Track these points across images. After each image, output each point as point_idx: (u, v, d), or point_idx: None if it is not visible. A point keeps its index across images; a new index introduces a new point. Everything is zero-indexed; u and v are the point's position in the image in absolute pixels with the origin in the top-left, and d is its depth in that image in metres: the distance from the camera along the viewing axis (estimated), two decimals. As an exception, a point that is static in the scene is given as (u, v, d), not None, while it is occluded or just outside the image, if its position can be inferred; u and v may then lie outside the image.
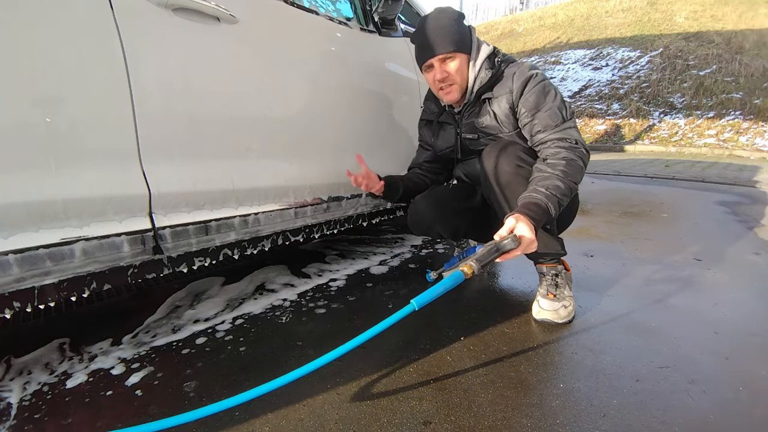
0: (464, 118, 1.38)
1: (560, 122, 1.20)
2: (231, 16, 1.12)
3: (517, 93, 1.24)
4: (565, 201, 1.11)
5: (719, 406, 0.89)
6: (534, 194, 1.09)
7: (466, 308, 1.37)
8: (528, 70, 1.25)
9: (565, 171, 1.12)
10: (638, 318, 1.27)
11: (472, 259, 0.93)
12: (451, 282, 0.90)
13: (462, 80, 1.30)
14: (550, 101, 1.22)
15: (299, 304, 1.42)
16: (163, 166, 1.02)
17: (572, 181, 1.13)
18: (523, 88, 1.23)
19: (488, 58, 1.29)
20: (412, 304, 0.86)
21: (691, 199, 3.33)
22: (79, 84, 0.87)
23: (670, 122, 7.83)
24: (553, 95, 1.23)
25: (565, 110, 1.21)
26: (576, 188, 1.16)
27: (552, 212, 1.07)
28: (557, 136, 1.18)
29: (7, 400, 0.95)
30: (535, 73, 1.25)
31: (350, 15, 1.64)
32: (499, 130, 1.30)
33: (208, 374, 1.03)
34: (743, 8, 9.76)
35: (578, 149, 1.17)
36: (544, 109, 1.21)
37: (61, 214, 0.87)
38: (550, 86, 1.24)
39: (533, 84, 1.23)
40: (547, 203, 1.07)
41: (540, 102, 1.21)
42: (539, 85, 1.23)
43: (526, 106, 1.23)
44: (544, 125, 1.20)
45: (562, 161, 1.13)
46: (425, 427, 0.84)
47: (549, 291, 1.28)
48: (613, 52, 10.35)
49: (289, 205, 1.35)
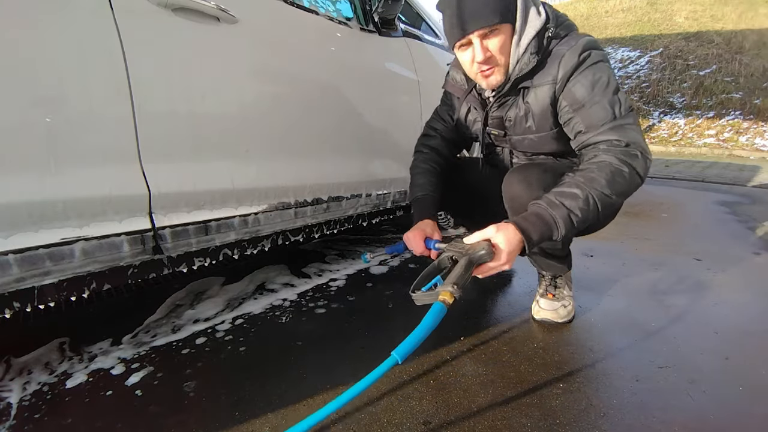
0: (493, 109, 1.13)
1: (610, 119, 0.95)
2: (231, 16, 1.12)
3: (561, 82, 0.99)
4: (587, 217, 0.90)
5: (719, 406, 0.89)
6: (540, 203, 0.91)
7: (466, 308, 1.37)
8: (582, 49, 0.97)
9: (594, 178, 0.90)
10: (638, 318, 1.27)
11: (448, 284, 0.80)
12: (432, 320, 0.76)
13: (507, 59, 1.02)
14: (599, 92, 0.96)
15: (299, 304, 1.42)
16: (163, 166, 1.02)
17: (603, 193, 0.90)
18: (569, 75, 0.98)
19: (537, 35, 0.99)
20: (394, 357, 0.71)
21: (691, 199, 3.34)
22: (79, 84, 0.87)
23: (669, 122, 7.84)
24: (604, 83, 0.97)
25: (619, 104, 0.96)
26: (612, 201, 0.92)
27: (559, 227, 0.89)
28: (604, 138, 0.95)
29: (7, 400, 0.95)
30: (590, 53, 0.98)
31: (350, 15, 1.64)
32: (530, 129, 1.09)
33: (208, 374, 1.03)
34: (743, 8, 9.76)
35: (630, 152, 0.92)
36: (589, 104, 0.96)
37: (61, 214, 0.86)
38: (603, 71, 0.98)
39: (582, 69, 0.97)
40: (553, 216, 0.89)
41: (586, 94, 0.97)
42: (589, 69, 0.97)
43: (569, 99, 0.99)
44: (588, 124, 0.97)
45: (595, 167, 0.92)
46: (425, 427, 0.84)
47: (548, 291, 1.28)
48: (613, 52, 10.35)
49: (288, 205, 1.35)
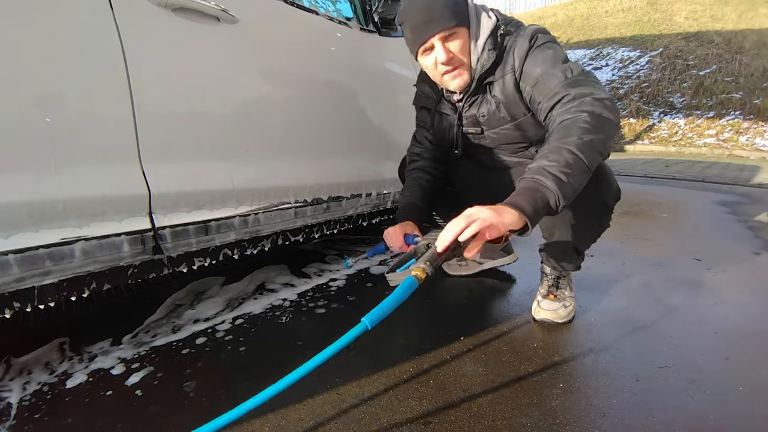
0: (465, 109, 1.17)
1: (561, 82, 0.95)
2: (231, 16, 1.12)
3: (519, 68, 1.03)
4: (577, 167, 0.83)
5: (719, 405, 0.89)
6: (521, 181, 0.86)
7: (466, 308, 1.37)
8: (530, 36, 1.02)
9: (565, 132, 0.86)
10: (638, 318, 1.27)
11: (421, 262, 0.77)
12: (403, 292, 0.75)
13: (469, 60, 1.08)
14: (548, 65, 0.98)
15: (299, 303, 1.42)
16: (163, 166, 1.02)
17: (581, 139, 0.84)
18: (524, 60, 1.02)
19: (491, 34, 1.06)
20: (364, 323, 0.72)
21: (691, 199, 3.33)
22: (79, 84, 0.87)
23: (670, 122, 7.83)
24: (551, 56, 0.99)
25: (570, 71, 0.96)
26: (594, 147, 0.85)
27: (548, 184, 0.81)
28: (556, 99, 0.94)
29: (7, 400, 0.95)
30: (537, 36, 1.02)
31: (350, 15, 1.64)
32: (504, 119, 1.11)
33: (208, 374, 1.03)
34: (743, 8, 9.75)
35: (591, 101, 0.89)
36: (542, 77, 0.98)
37: (61, 214, 0.87)
38: (550, 48, 1.01)
39: (533, 51, 1.01)
40: (535, 179, 0.83)
41: (538, 69, 0.99)
42: (538, 50, 1.01)
43: (527, 80, 1.02)
44: (544, 94, 0.97)
45: (561, 124, 0.88)
46: (425, 427, 0.84)
47: (550, 291, 1.28)
48: (613, 51, 10.34)
49: (288, 205, 1.35)
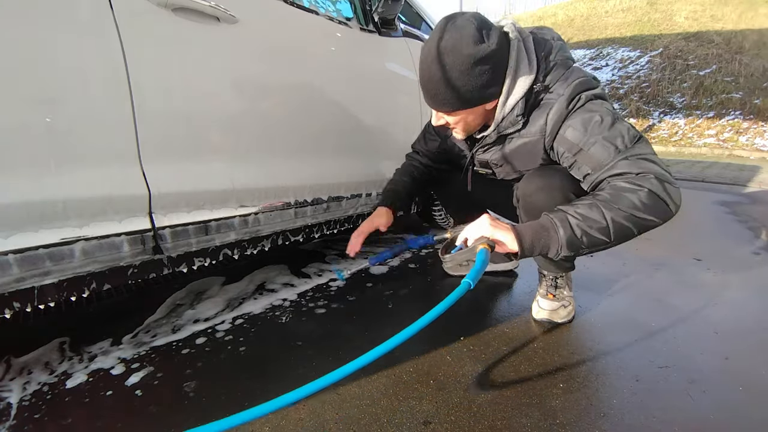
0: (479, 153, 1.17)
1: (614, 154, 0.89)
2: (231, 16, 1.12)
3: (551, 134, 0.97)
4: (596, 233, 0.87)
5: (719, 406, 0.89)
6: (544, 215, 0.93)
7: (466, 308, 1.37)
8: (569, 98, 0.94)
9: (609, 199, 0.87)
10: (638, 318, 1.27)
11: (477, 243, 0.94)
12: (484, 258, 0.91)
13: (472, 128, 1.07)
14: (594, 131, 0.91)
15: (299, 304, 1.42)
16: (163, 166, 1.02)
17: (621, 211, 0.85)
18: (559, 126, 0.96)
19: (525, 96, 0.96)
20: (467, 282, 0.88)
21: (691, 199, 3.33)
22: (79, 84, 0.87)
23: (669, 122, 7.83)
24: (597, 121, 0.91)
25: (621, 137, 0.90)
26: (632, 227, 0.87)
27: (560, 234, 0.88)
28: (614, 172, 0.89)
29: (7, 400, 0.95)
30: (579, 98, 0.94)
31: (350, 15, 1.64)
32: (517, 170, 1.13)
33: (208, 374, 1.03)
34: (743, 8, 9.75)
35: (648, 178, 0.86)
36: (587, 145, 0.92)
37: (61, 214, 0.86)
38: (594, 109, 0.93)
39: (572, 115, 0.95)
40: (554, 222, 0.90)
41: (580, 136, 0.93)
42: (578, 112, 0.94)
43: (565, 145, 0.96)
44: (593, 166, 0.92)
45: (617, 189, 0.87)
46: (425, 427, 0.84)
47: (549, 291, 1.28)
48: (613, 52, 10.34)
49: (288, 205, 1.35)
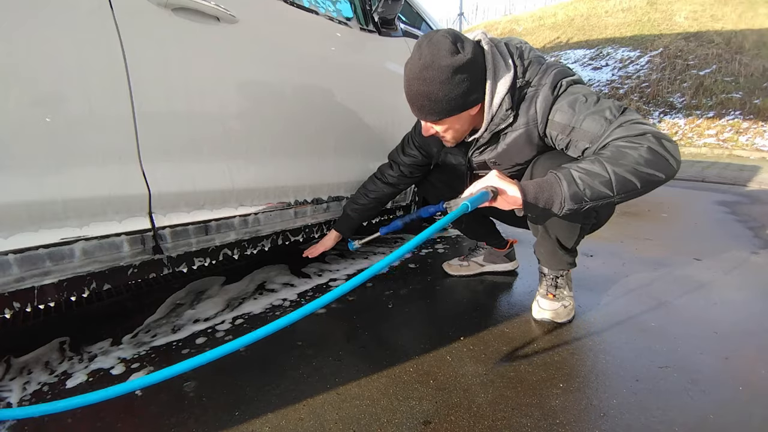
0: (475, 155, 1.20)
1: (606, 125, 0.95)
2: (231, 15, 1.12)
3: (542, 122, 1.03)
4: (600, 186, 0.90)
5: (719, 406, 0.89)
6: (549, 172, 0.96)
7: (466, 308, 1.37)
8: (552, 86, 1.01)
9: (611, 156, 0.91)
10: (638, 318, 1.27)
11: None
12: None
13: (460, 133, 1.12)
14: (582, 109, 0.98)
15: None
16: (163, 165, 1.02)
17: (624, 165, 0.89)
18: (548, 112, 1.02)
19: (509, 92, 1.02)
20: (466, 204, 0.92)
21: (691, 199, 3.34)
22: (79, 84, 0.87)
23: (669, 122, 7.83)
24: (583, 100, 0.99)
25: (609, 109, 0.97)
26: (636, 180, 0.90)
27: (563, 186, 0.91)
28: (612, 138, 0.94)
29: (7, 400, 0.95)
30: (560, 83, 1.01)
31: (350, 15, 1.63)
32: (517, 163, 1.15)
33: (208, 374, 1.03)
34: (743, 8, 9.74)
35: (646, 136, 0.91)
36: (578, 122, 0.98)
37: (61, 214, 0.86)
38: (576, 91, 1.01)
39: (559, 101, 1.01)
40: (557, 176, 0.93)
41: (570, 116, 0.99)
42: (562, 97, 1.01)
43: (557, 129, 1.02)
44: (589, 139, 0.97)
45: (619, 148, 0.92)
46: (425, 427, 0.84)
47: (549, 291, 1.28)
48: (613, 51, 10.34)
49: (288, 205, 1.35)
